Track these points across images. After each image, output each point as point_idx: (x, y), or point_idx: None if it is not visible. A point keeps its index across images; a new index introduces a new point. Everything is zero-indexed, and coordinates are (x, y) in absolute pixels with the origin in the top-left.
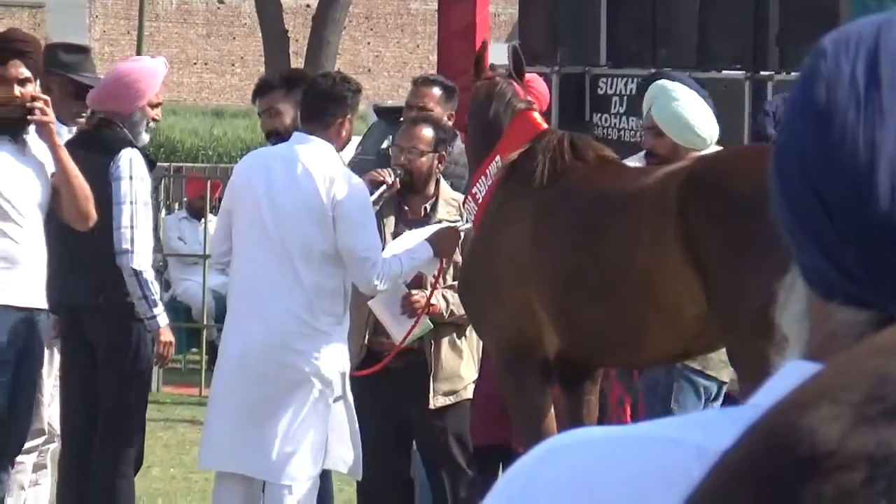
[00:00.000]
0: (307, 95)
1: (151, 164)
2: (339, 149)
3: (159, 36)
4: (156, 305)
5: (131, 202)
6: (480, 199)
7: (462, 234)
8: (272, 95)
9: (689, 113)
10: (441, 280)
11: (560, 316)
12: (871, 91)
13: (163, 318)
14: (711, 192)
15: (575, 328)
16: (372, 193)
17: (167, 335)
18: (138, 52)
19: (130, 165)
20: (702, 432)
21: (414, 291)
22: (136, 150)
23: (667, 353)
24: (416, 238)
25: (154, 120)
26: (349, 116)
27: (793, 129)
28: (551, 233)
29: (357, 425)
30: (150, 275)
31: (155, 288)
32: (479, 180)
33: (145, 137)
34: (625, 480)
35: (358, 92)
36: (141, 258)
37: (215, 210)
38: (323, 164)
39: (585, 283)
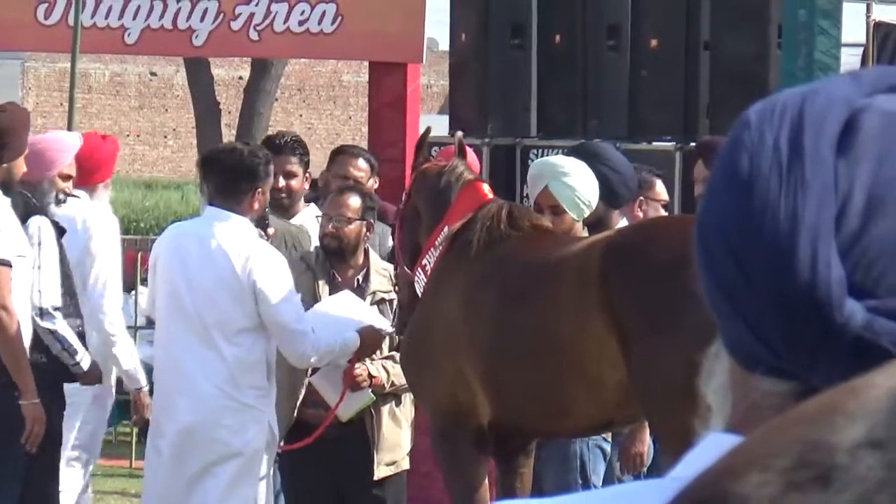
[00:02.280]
0: (216, 172)
1: (61, 232)
2: (253, 220)
3: (92, 108)
4: (76, 353)
5: (38, 267)
6: (430, 270)
7: (385, 339)
8: None
9: (583, 187)
10: (379, 351)
11: (490, 384)
12: (794, 161)
13: (85, 361)
14: (631, 260)
15: (504, 397)
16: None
17: (94, 369)
18: (69, 124)
19: (39, 232)
20: None
21: (356, 365)
22: (44, 217)
23: (592, 423)
24: (348, 310)
25: (65, 192)
26: (260, 189)
27: (716, 199)
28: (482, 301)
29: (272, 499)
30: (61, 325)
31: (73, 339)
32: (429, 251)
33: (54, 209)
34: None
35: (269, 162)
36: (49, 317)
37: (146, 282)
38: (237, 240)
39: (512, 351)
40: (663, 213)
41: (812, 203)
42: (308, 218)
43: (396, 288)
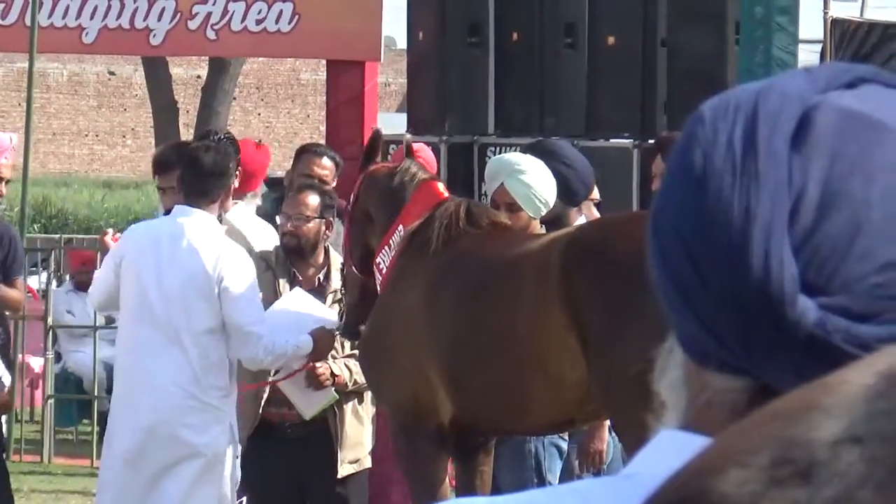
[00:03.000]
0: (189, 171)
1: None
2: (220, 217)
3: (51, 108)
4: None
5: None
6: (385, 269)
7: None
8: (175, 173)
9: (539, 185)
10: (341, 349)
11: (450, 381)
12: (748, 157)
13: (6, 377)
14: (592, 257)
15: (464, 394)
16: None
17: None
18: (27, 124)
19: None
20: (576, 501)
21: (318, 364)
22: None
23: (552, 421)
24: (301, 309)
25: None
26: (231, 185)
27: (670, 195)
28: (441, 298)
29: (236, 501)
30: None
31: None
32: (383, 250)
33: None
34: None
35: (237, 158)
36: None
37: None
38: (208, 239)
39: (472, 347)
40: (595, 211)
41: (766, 199)
42: (237, 216)
43: (342, 290)
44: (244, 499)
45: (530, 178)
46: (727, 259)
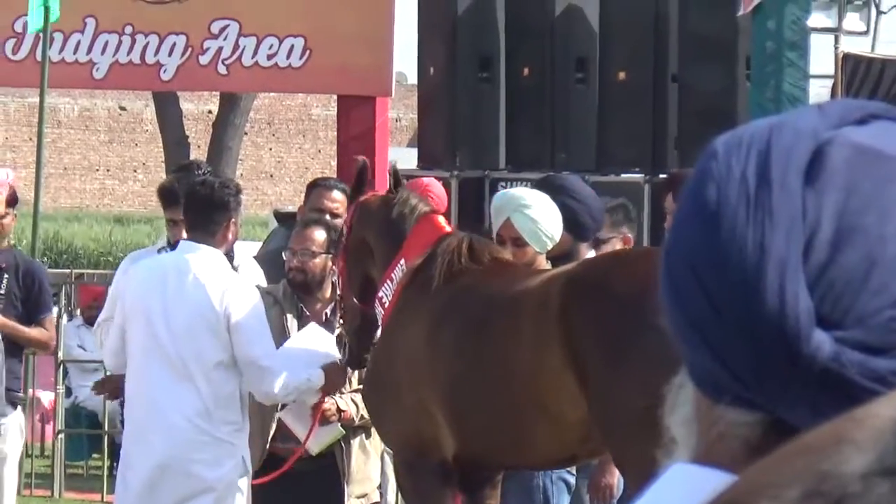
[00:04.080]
0: (188, 205)
1: None
2: (225, 252)
3: (62, 142)
4: None
5: None
6: (387, 303)
7: (349, 374)
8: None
9: (545, 220)
10: (348, 384)
11: (452, 417)
12: (762, 192)
13: None
14: (591, 294)
15: (466, 430)
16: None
17: None
18: (38, 159)
19: None
20: None
21: (325, 400)
22: None
23: (554, 458)
24: (315, 344)
25: None
26: (233, 220)
27: (683, 229)
28: (442, 334)
29: None
30: None
31: None
32: (385, 284)
33: None
34: None
35: (239, 193)
36: None
37: None
38: (214, 274)
39: (472, 384)
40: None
41: (780, 234)
42: (242, 253)
43: (342, 321)
44: None
45: (536, 213)
46: (742, 293)
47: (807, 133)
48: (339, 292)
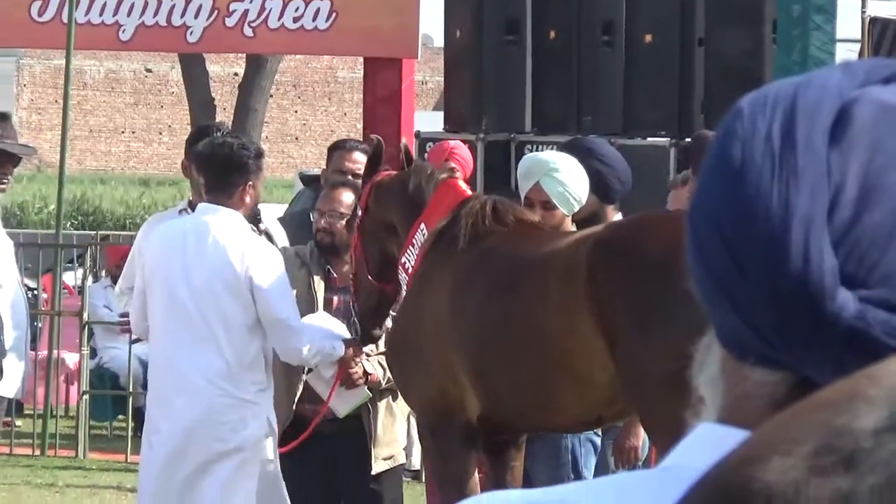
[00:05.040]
0: (208, 166)
1: None
2: (245, 215)
3: (87, 105)
4: None
5: None
6: (410, 269)
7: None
8: None
9: (573, 183)
10: (375, 347)
11: (477, 379)
12: (787, 151)
13: None
14: (619, 257)
15: (491, 391)
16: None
17: None
18: (64, 121)
19: None
20: (614, 496)
21: (353, 363)
22: None
23: (580, 420)
24: (332, 322)
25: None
26: (251, 182)
27: (708, 189)
28: (469, 296)
29: (284, 488)
30: None
31: None
32: (407, 250)
33: None
34: None
35: (259, 156)
36: None
37: None
38: (233, 235)
39: (499, 346)
40: None
41: (804, 192)
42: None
43: (355, 301)
44: None
45: (564, 177)
46: (766, 252)
47: (832, 92)
48: (352, 272)
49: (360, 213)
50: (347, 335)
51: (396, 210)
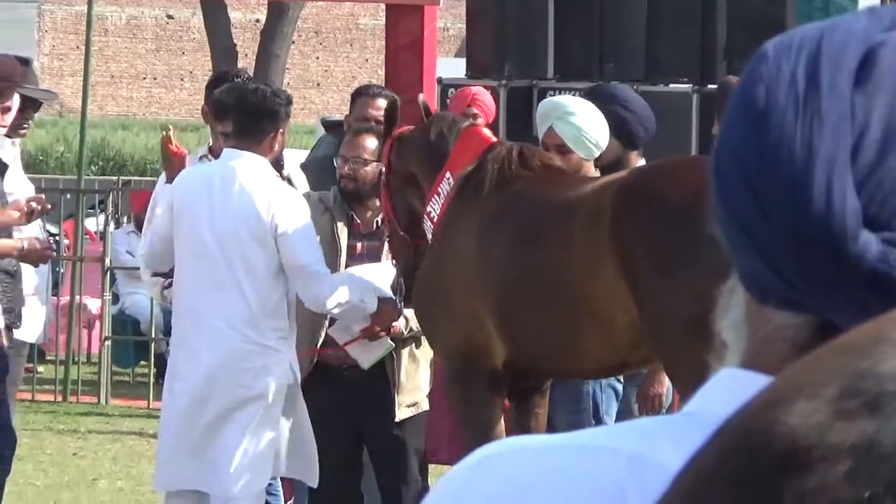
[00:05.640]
0: (238, 111)
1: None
2: (275, 161)
3: (108, 51)
4: None
5: None
6: (436, 217)
7: (401, 314)
8: None
9: (590, 126)
10: (399, 298)
11: (504, 325)
12: (811, 94)
13: None
14: (643, 201)
15: (517, 337)
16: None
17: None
18: (86, 67)
19: None
20: (637, 441)
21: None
22: None
23: (605, 364)
24: (375, 276)
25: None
26: (281, 129)
27: (732, 130)
28: (495, 240)
29: (311, 433)
30: None
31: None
32: (433, 198)
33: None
34: (556, 492)
35: (289, 104)
36: None
37: None
38: (259, 181)
39: (524, 290)
40: None
41: (828, 134)
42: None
43: (393, 260)
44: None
45: (579, 120)
46: (789, 193)
47: (858, 36)
48: (386, 231)
49: (384, 169)
50: (387, 292)
51: (419, 161)
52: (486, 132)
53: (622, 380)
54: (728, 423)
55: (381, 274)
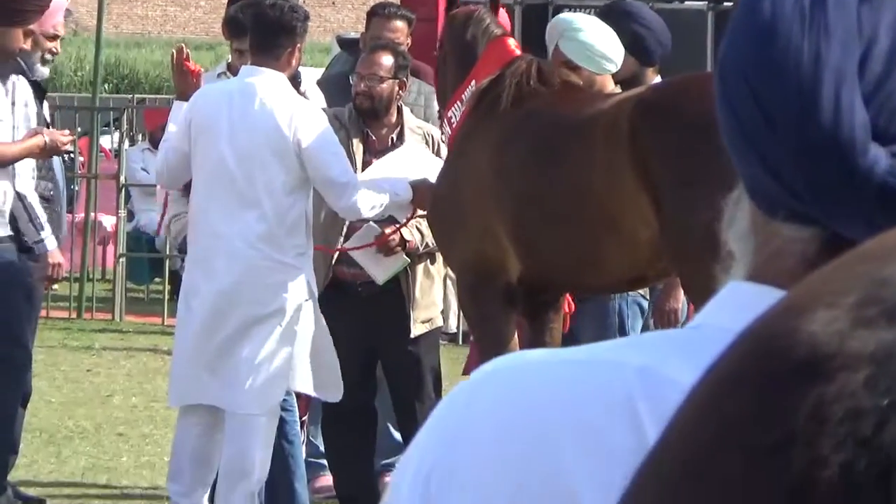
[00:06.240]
0: (256, 27)
1: (41, 93)
2: (291, 77)
3: None
4: (42, 229)
5: (14, 126)
6: (455, 123)
7: None
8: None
9: (597, 41)
10: (411, 212)
11: (520, 239)
12: (817, 6)
13: (50, 242)
14: (661, 117)
15: (534, 251)
16: None
17: (56, 257)
18: None
19: (13, 92)
20: (643, 354)
21: (387, 230)
22: (21, 77)
23: (623, 278)
24: (395, 165)
25: (51, 52)
26: (298, 45)
27: (737, 42)
28: (511, 157)
29: (333, 350)
30: (34, 198)
31: (40, 212)
32: (455, 105)
33: (42, 70)
34: (566, 406)
35: (307, 19)
36: (22, 182)
37: None
38: (279, 97)
39: (543, 205)
40: None
41: (835, 47)
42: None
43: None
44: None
45: (585, 36)
46: (796, 104)
47: None
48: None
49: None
50: (416, 176)
51: (453, 56)
52: (512, 44)
53: (647, 296)
54: (748, 330)
55: (406, 160)
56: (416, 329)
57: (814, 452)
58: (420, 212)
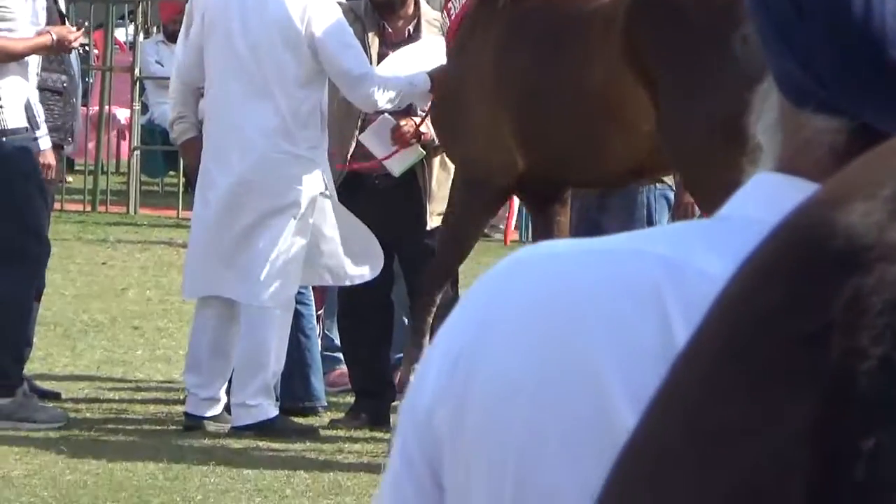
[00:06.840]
0: None
1: None
2: None
3: None
4: (38, 128)
5: (11, 19)
6: (454, 14)
7: None
8: None
9: None
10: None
11: (523, 134)
12: None
13: (44, 141)
14: (654, 10)
15: (537, 146)
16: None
17: (48, 158)
18: None
19: None
20: (667, 244)
21: (402, 122)
22: None
23: (622, 170)
24: (412, 57)
25: None
26: None
27: None
28: (515, 50)
29: (361, 224)
30: (34, 96)
31: (39, 110)
32: None
33: None
34: (591, 295)
35: None
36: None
37: None
38: None
39: (544, 101)
40: None
41: None
42: None
43: None
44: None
45: None
46: None
47: None
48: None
49: None
50: (432, 65)
51: None
52: None
53: (675, 188)
54: (784, 223)
55: (423, 53)
56: (433, 221)
57: (852, 343)
58: None
